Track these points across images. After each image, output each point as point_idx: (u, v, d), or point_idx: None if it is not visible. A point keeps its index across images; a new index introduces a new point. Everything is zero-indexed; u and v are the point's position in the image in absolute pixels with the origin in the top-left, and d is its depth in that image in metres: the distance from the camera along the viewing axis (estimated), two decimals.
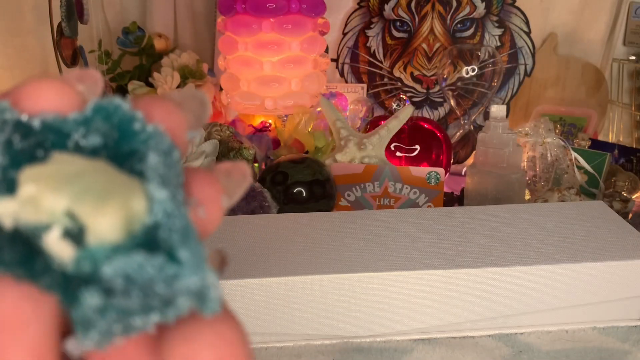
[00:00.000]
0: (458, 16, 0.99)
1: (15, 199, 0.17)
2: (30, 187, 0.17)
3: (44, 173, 0.17)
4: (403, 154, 0.89)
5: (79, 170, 0.17)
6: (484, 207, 0.65)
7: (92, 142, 0.18)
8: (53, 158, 0.18)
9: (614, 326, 0.56)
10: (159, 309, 0.17)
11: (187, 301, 0.17)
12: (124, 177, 0.18)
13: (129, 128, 0.18)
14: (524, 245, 0.56)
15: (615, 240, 0.57)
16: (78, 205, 0.17)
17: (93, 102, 0.19)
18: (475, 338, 0.55)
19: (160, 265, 0.17)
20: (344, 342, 0.54)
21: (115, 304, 0.17)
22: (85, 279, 0.17)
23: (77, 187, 0.17)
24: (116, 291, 0.17)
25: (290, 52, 0.92)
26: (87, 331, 0.17)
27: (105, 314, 0.17)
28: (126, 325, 0.17)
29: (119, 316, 0.17)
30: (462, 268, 0.53)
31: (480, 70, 0.98)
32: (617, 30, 1.07)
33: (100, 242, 0.17)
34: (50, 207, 0.17)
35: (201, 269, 0.17)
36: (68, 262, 0.17)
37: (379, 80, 1.04)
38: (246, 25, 0.90)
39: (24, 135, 0.18)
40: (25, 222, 0.17)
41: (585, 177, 0.85)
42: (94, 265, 0.17)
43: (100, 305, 0.16)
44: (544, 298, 0.54)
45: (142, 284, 0.17)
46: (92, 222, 0.17)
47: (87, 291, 0.16)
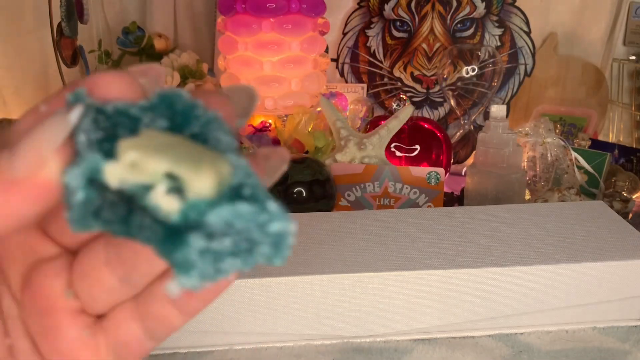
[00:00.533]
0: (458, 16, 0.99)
1: (120, 163, 0.20)
2: (133, 153, 0.20)
3: (140, 143, 0.20)
4: (403, 154, 0.89)
5: (168, 141, 0.20)
6: (484, 207, 0.65)
7: (160, 124, 0.21)
8: (143, 132, 0.21)
9: (614, 326, 0.56)
10: (244, 255, 0.20)
11: (268, 247, 0.20)
12: (204, 148, 0.21)
13: (191, 113, 0.21)
14: (524, 245, 0.56)
15: (615, 241, 0.57)
16: (176, 168, 0.19)
17: (158, 92, 0.22)
18: (475, 338, 0.54)
19: (255, 212, 0.20)
20: (344, 342, 0.54)
21: (214, 247, 0.19)
22: (187, 227, 0.19)
23: (172, 154, 0.20)
24: (215, 235, 0.20)
25: (290, 52, 0.92)
26: (188, 271, 0.19)
27: (205, 255, 0.19)
28: (217, 268, 0.20)
29: (215, 259, 0.20)
30: (462, 268, 0.53)
31: (480, 70, 0.97)
32: (617, 30, 1.07)
33: (198, 198, 0.20)
34: (153, 169, 0.20)
35: (286, 218, 0.20)
36: (174, 213, 0.20)
37: (379, 80, 1.04)
38: (246, 25, 0.90)
39: (104, 117, 0.21)
40: (131, 182, 0.20)
41: (585, 177, 0.85)
42: (199, 213, 0.19)
43: (203, 247, 0.19)
44: (544, 298, 0.54)
45: (239, 229, 0.20)
46: (191, 181, 0.19)
47: (193, 235, 0.19)
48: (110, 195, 0.20)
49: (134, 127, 0.21)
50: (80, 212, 0.20)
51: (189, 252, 0.19)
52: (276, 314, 0.53)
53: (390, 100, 1.02)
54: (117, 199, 0.20)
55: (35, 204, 0.21)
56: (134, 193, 0.20)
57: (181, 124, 0.21)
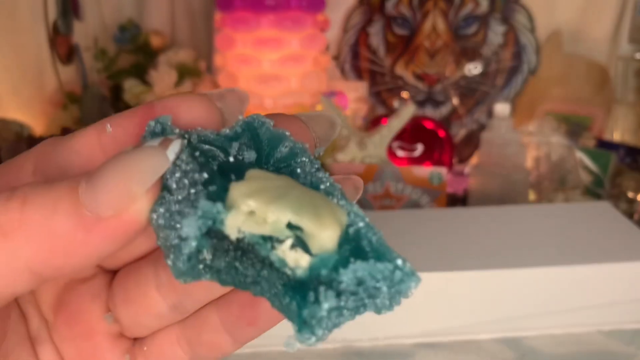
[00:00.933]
0: (461, 13, 0.98)
1: (239, 213, 0.19)
2: (251, 202, 0.19)
3: (253, 188, 0.19)
4: (405, 154, 0.89)
5: (280, 185, 0.20)
6: (487, 208, 0.66)
7: (248, 157, 0.21)
8: (249, 175, 0.20)
9: (619, 329, 0.55)
10: (359, 308, 0.19)
11: (385, 301, 0.20)
12: (314, 192, 0.20)
13: (278, 144, 0.21)
14: (527, 246, 0.56)
15: (620, 242, 0.57)
16: (299, 219, 0.19)
17: (242, 120, 0.21)
18: (479, 342, 0.54)
19: (391, 271, 0.19)
20: (345, 346, 0.54)
21: (342, 305, 0.19)
22: (314, 282, 0.19)
23: (290, 202, 0.19)
24: (344, 293, 0.19)
25: (290, 49, 0.92)
26: (313, 329, 0.18)
27: (331, 313, 0.19)
28: (335, 323, 0.19)
29: (337, 315, 0.19)
30: (465, 270, 0.53)
31: (483, 69, 0.97)
32: (623, 28, 1.07)
33: (322, 251, 0.19)
34: (275, 220, 0.19)
35: (418, 275, 0.20)
36: (303, 268, 0.19)
37: (381, 78, 1.03)
38: (245, 21, 0.90)
39: (195, 150, 0.20)
40: (250, 233, 0.19)
41: (590, 177, 0.85)
42: (331, 269, 0.19)
43: (334, 305, 0.18)
44: (548, 300, 0.54)
45: (367, 286, 0.19)
46: (316, 234, 0.19)
47: (326, 293, 0.18)
48: (223, 245, 0.19)
49: (226, 161, 0.20)
50: (191, 262, 0.19)
51: (319, 310, 0.18)
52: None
53: (392, 99, 1.01)
54: (231, 248, 0.20)
55: (116, 243, 0.19)
56: (252, 243, 0.19)
57: (268, 154, 0.21)
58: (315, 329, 0.19)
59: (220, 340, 0.24)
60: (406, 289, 0.20)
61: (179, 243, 0.19)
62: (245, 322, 0.23)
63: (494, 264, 0.53)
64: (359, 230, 0.20)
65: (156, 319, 0.23)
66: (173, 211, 0.19)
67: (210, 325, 0.23)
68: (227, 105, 0.22)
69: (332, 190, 0.21)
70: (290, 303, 0.19)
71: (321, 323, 0.19)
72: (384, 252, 0.19)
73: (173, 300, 0.23)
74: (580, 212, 0.63)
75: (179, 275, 0.19)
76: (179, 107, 0.20)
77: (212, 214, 0.19)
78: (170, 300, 0.23)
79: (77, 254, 0.19)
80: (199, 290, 0.23)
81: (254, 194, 0.19)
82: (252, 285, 0.20)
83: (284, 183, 0.20)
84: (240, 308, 0.23)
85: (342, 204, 0.20)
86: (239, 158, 0.21)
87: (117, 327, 0.24)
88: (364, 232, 0.20)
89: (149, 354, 0.24)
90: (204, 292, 0.23)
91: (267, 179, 0.20)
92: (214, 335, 0.23)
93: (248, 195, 0.19)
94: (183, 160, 0.19)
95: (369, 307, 0.19)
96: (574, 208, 0.65)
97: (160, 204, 0.19)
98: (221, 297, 0.23)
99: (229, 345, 0.24)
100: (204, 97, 0.21)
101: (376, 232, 0.20)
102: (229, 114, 0.22)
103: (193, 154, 0.20)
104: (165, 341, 0.24)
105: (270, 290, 0.19)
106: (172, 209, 0.19)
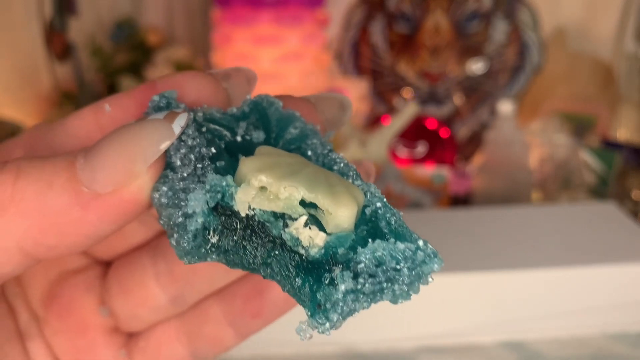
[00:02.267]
0: (464, 11, 0.98)
1: (250, 188, 0.18)
2: (263, 177, 0.18)
3: (264, 165, 0.18)
4: (406, 153, 0.88)
5: (292, 162, 0.18)
6: (490, 209, 0.65)
7: (257, 137, 0.20)
8: (258, 150, 0.19)
9: (624, 331, 0.55)
10: (377, 294, 0.18)
11: (404, 286, 0.18)
12: (328, 171, 0.19)
13: (288, 125, 0.20)
14: (532, 247, 0.56)
15: (626, 242, 0.57)
16: (313, 196, 0.18)
17: (249, 100, 0.20)
18: (482, 345, 0.54)
19: (412, 252, 0.18)
20: (347, 349, 0.54)
21: (359, 288, 0.18)
22: (329, 263, 0.18)
23: (303, 178, 0.18)
24: (361, 274, 0.18)
25: (289, 46, 0.91)
26: (327, 313, 0.17)
27: (347, 296, 0.17)
28: (351, 309, 0.18)
29: (353, 300, 0.18)
30: (469, 271, 0.52)
31: (487, 67, 0.96)
32: (627, 26, 1.07)
33: (338, 230, 0.18)
34: (288, 195, 0.18)
35: (440, 257, 0.18)
36: (318, 247, 0.18)
37: (382, 76, 1.02)
38: (243, 18, 0.90)
39: (201, 126, 0.19)
40: (261, 209, 0.18)
41: (595, 177, 0.84)
42: (348, 249, 0.17)
43: (350, 287, 0.17)
44: (551, 302, 0.54)
45: (387, 268, 0.18)
46: (333, 211, 0.18)
47: (342, 274, 0.17)
48: (232, 223, 0.18)
49: (233, 140, 0.19)
50: (197, 241, 0.18)
51: (335, 293, 0.17)
52: (277, 320, 0.52)
53: (394, 98, 1.01)
54: (239, 227, 0.18)
55: (114, 223, 0.18)
56: (263, 221, 0.18)
57: (277, 136, 0.20)
58: (329, 314, 0.17)
59: (222, 334, 0.23)
60: (428, 271, 0.18)
61: (183, 221, 0.18)
62: (250, 314, 0.22)
63: (498, 266, 0.53)
64: (377, 211, 0.19)
65: (154, 311, 0.22)
66: (177, 189, 0.18)
67: (212, 318, 0.23)
68: (232, 85, 0.21)
69: (347, 171, 0.19)
70: (302, 285, 0.18)
71: (336, 307, 0.18)
72: (404, 233, 0.18)
73: (172, 291, 0.22)
74: (585, 212, 0.63)
75: (183, 254, 0.18)
76: (183, 85, 0.19)
77: (220, 187, 0.18)
78: (169, 291, 0.22)
79: (72, 233, 0.17)
80: (200, 279, 0.22)
81: (265, 169, 0.18)
82: (261, 267, 0.19)
83: (297, 160, 0.19)
84: (244, 300, 0.22)
85: (358, 184, 0.19)
86: (247, 138, 0.20)
87: (112, 320, 0.23)
88: (382, 213, 0.19)
89: (145, 350, 0.23)
90: (206, 282, 0.22)
91: (278, 156, 0.19)
92: (216, 329, 0.23)
93: (259, 170, 0.18)
94: (189, 135, 0.18)
95: (386, 293, 0.18)
96: (578, 208, 0.64)
97: (163, 182, 0.18)
98: (224, 289, 0.22)
99: (232, 338, 0.23)
100: (209, 75, 0.20)
101: (395, 213, 0.19)
102: (235, 94, 0.21)
103: (200, 129, 0.19)
104: (163, 336, 0.23)
105: (282, 272, 0.18)
106: (176, 187, 0.18)
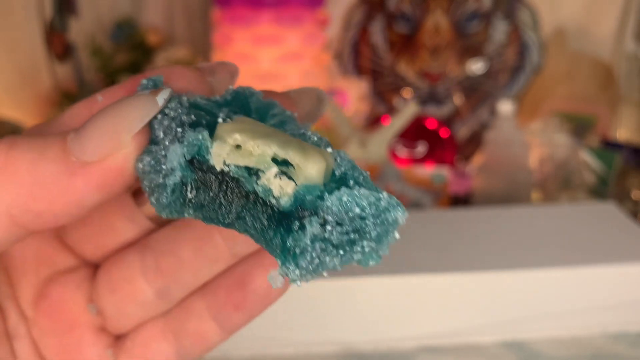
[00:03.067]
0: (464, 11, 0.98)
1: (227, 145, 0.19)
2: (237, 135, 0.19)
3: (240, 128, 0.19)
4: (406, 153, 0.88)
5: (267, 128, 0.20)
6: (490, 209, 0.65)
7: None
8: (236, 119, 0.20)
9: (624, 331, 0.55)
10: (346, 249, 0.19)
11: (372, 242, 0.19)
12: (301, 139, 0.20)
13: (268, 112, 0.21)
14: (532, 247, 0.56)
15: (625, 243, 0.56)
16: (284, 152, 0.19)
17: (232, 89, 0.21)
18: (482, 344, 0.54)
19: (375, 199, 0.19)
20: (346, 349, 0.54)
21: (326, 236, 0.19)
22: (300, 212, 0.19)
23: (276, 139, 0.19)
24: (329, 223, 0.19)
25: (289, 46, 0.91)
26: (296, 259, 0.18)
27: (315, 244, 0.18)
28: (321, 262, 0.19)
29: (322, 250, 0.19)
30: (469, 271, 0.52)
31: (486, 67, 0.96)
32: (628, 26, 1.07)
33: (308, 183, 0.19)
34: (261, 152, 0.19)
35: (403, 207, 0.19)
36: (287, 196, 0.19)
37: (382, 76, 1.02)
38: (243, 18, 0.90)
39: (185, 106, 0.20)
40: (236, 165, 0.19)
41: (595, 177, 0.84)
42: (315, 197, 0.19)
43: (318, 233, 0.18)
44: (551, 302, 0.54)
45: (352, 217, 0.19)
46: (301, 165, 0.19)
47: (310, 219, 0.18)
48: (208, 178, 0.20)
49: (214, 121, 0.20)
50: (174, 195, 0.20)
51: (303, 237, 0.19)
52: (276, 319, 0.52)
53: (394, 98, 1.01)
54: (215, 183, 0.20)
55: (102, 191, 0.19)
56: (237, 177, 0.19)
57: (258, 120, 0.21)
58: (299, 260, 0.18)
59: (206, 329, 0.23)
60: (393, 221, 0.19)
61: (163, 181, 0.19)
62: (232, 306, 0.23)
63: (497, 265, 0.53)
64: (346, 172, 0.20)
65: (141, 307, 0.23)
66: (159, 157, 0.19)
67: (196, 313, 0.23)
68: (217, 79, 0.22)
69: (320, 143, 0.20)
70: (275, 236, 0.19)
71: (305, 254, 0.19)
72: (370, 187, 0.19)
73: (159, 285, 0.23)
74: (585, 212, 0.63)
75: (161, 209, 0.20)
76: (169, 77, 0.21)
77: (197, 140, 0.19)
78: (156, 285, 0.23)
79: (60, 200, 0.18)
80: (186, 273, 0.22)
81: (240, 130, 0.19)
82: (236, 222, 0.20)
83: (271, 129, 0.20)
84: (226, 291, 0.23)
85: (330, 150, 0.20)
86: (228, 121, 0.20)
87: (100, 319, 0.23)
88: (351, 173, 0.20)
89: (132, 350, 0.24)
90: (192, 275, 0.23)
91: (254, 124, 0.20)
92: (200, 324, 0.23)
93: (234, 131, 0.19)
94: (172, 108, 0.20)
95: (355, 251, 0.19)
96: (578, 208, 0.64)
97: (147, 153, 0.19)
98: (207, 284, 0.23)
99: (216, 334, 0.24)
100: (195, 69, 0.21)
101: (363, 173, 0.20)
102: (219, 88, 0.22)
103: (182, 103, 0.20)
104: (149, 335, 0.23)
105: (255, 225, 0.20)
106: (158, 156, 0.19)
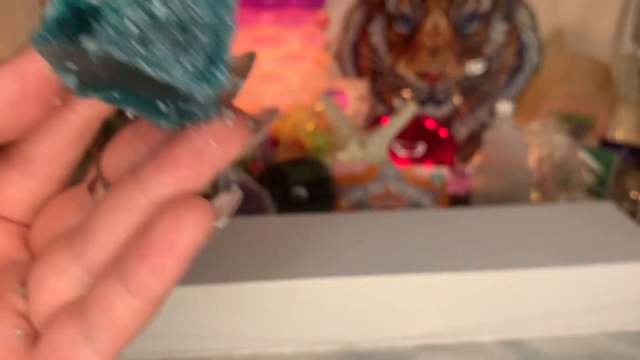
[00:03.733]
0: (463, 12, 0.98)
1: None
2: None
3: None
4: (406, 154, 0.88)
5: None
6: (490, 208, 0.65)
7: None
8: None
9: (623, 330, 0.55)
10: (180, 48, 0.19)
11: (206, 47, 0.20)
12: None
13: None
14: (531, 247, 0.56)
15: (624, 242, 0.56)
16: None
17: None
18: (481, 343, 0.54)
19: None
20: (345, 348, 0.54)
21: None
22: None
23: None
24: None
25: (290, 47, 0.91)
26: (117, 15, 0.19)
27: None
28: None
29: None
30: (468, 271, 0.52)
31: (485, 67, 0.96)
32: (626, 27, 1.06)
33: None
34: None
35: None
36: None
37: (381, 77, 1.03)
38: (243, 19, 0.90)
39: None
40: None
41: (593, 177, 0.84)
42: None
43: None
44: (551, 302, 0.54)
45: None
46: None
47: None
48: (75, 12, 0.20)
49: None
50: (52, 25, 0.20)
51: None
52: (275, 319, 0.52)
53: (393, 98, 1.01)
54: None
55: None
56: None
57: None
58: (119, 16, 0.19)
59: (118, 303, 0.21)
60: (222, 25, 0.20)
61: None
62: (139, 257, 0.21)
63: (497, 265, 0.53)
64: None
65: (59, 276, 0.23)
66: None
67: (110, 288, 0.22)
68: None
69: None
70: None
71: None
72: None
73: (77, 249, 0.22)
74: (584, 212, 0.63)
75: (34, 39, 0.21)
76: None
77: None
78: (75, 249, 0.23)
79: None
80: (102, 237, 0.22)
81: None
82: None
83: None
84: (134, 245, 0.22)
85: None
86: None
87: (25, 306, 0.23)
88: None
89: (45, 349, 0.23)
90: (107, 235, 0.22)
91: None
92: (113, 299, 0.21)
93: None
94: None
95: (191, 53, 0.19)
96: (577, 208, 0.64)
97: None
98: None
99: (130, 307, 0.21)
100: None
101: None
102: None
103: None
104: (65, 334, 0.22)
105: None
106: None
